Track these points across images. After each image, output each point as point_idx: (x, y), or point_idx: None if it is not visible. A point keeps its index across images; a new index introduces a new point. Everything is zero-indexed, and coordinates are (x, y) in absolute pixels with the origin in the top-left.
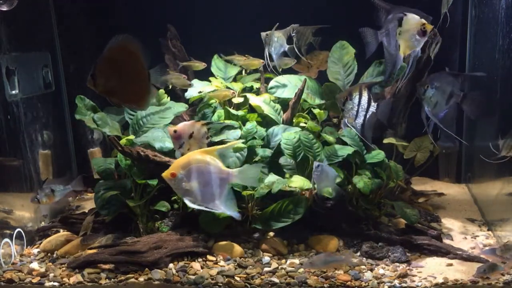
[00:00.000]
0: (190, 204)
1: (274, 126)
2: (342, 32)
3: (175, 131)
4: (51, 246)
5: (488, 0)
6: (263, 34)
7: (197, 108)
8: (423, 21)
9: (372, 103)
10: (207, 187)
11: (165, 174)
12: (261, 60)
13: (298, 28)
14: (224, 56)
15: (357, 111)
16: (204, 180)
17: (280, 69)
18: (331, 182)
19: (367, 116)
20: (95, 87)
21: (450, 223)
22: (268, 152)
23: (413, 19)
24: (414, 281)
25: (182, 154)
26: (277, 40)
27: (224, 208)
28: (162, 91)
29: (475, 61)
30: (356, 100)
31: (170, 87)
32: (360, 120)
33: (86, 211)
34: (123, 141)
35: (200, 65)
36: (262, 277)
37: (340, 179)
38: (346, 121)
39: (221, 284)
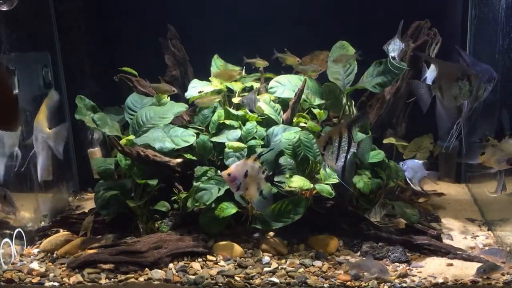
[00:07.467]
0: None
1: (274, 126)
2: (342, 31)
3: (229, 174)
4: (51, 246)
5: (488, 0)
6: None
7: (197, 108)
8: None
9: (353, 144)
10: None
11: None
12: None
13: None
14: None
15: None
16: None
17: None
18: (422, 171)
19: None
20: None
21: (450, 223)
22: None
23: None
24: (414, 281)
25: (241, 196)
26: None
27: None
28: None
29: None
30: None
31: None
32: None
33: (86, 211)
34: (123, 141)
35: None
36: (262, 277)
37: None
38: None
39: (221, 284)
